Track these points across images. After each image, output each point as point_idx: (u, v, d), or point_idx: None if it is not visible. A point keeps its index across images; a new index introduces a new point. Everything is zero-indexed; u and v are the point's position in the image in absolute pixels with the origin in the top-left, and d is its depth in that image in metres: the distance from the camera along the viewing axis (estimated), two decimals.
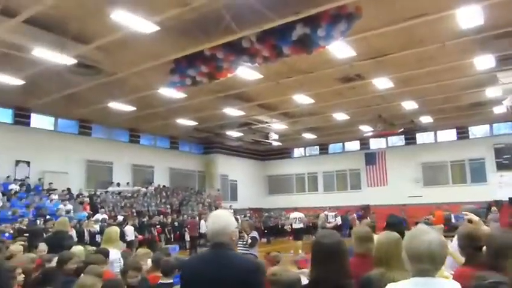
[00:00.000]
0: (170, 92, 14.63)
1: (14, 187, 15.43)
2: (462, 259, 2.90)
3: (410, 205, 21.09)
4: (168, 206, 20.10)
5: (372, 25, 10.55)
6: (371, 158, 26.16)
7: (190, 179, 25.22)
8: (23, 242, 8.14)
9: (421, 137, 25.28)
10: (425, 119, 20.94)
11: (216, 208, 22.45)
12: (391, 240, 2.60)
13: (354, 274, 2.42)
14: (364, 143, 26.92)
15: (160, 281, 4.37)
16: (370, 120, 21.22)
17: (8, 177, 15.77)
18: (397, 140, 26.23)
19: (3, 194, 14.73)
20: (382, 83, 14.61)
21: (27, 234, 11.57)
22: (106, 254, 5.20)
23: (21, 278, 3.91)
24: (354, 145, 27.92)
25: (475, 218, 3.22)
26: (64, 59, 11.28)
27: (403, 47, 11.85)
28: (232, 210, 22.65)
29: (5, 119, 16.69)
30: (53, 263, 4.77)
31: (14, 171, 16.33)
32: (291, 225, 17.51)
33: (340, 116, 19.85)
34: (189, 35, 11.01)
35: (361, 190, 26.32)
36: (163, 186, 22.20)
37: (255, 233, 7.99)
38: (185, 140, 25.14)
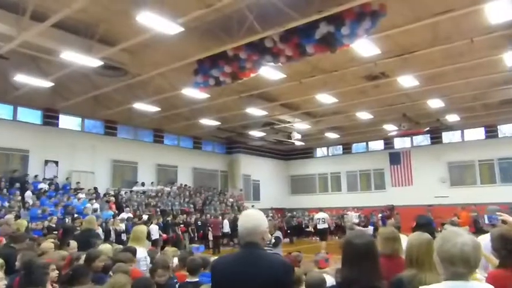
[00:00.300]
0: (193, 93, 14.76)
1: (43, 186, 15.86)
2: (496, 261, 2.82)
3: (436, 205, 20.66)
4: (192, 206, 20.29)
5: (397, 22, 10.39)
6: (395, 158, 25.73)
7: (213, 179, 25.38)
8: (53, 240, 8.38)
9: (448, 136, 24.70)
10: (452, 118, 20.40)
11: (239, 208, 22.58)
12: (423, 242, 2.55)
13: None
14: (389, 142, 26.50)
15: (187, 279, 4.41)
16: (394, 119, 20.86)
17: (35, 176, 16.21)
18: (423, 139, 25.70)
19: (33, 193, 15.18)
20: (408, 81, 14.33)
21: (56, 232, 11.95)
22: (133, 252, 5.28)
23: (54, 274, 4.02)
24: (378, 144, 27.53)
25: (510, 219, 3.12)
26: (91, 61, 11.55)
27: (429, 44, 11.59)
28: None
29: (34, 120, 17.17)
30: (81, 261, 4.87)
31: (43, 170, 16.80)
32: (316, 225, 17.36)
33: (364, 115, 19.59)
34: (212, 36, 11.10)
35: (386, 190, 25.92)
36: (186, 185, 22.41)
37: (278, 233, 7.99)
38: (208, 140, 25.32)
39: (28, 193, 14.93)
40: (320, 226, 16.64)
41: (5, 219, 11.44)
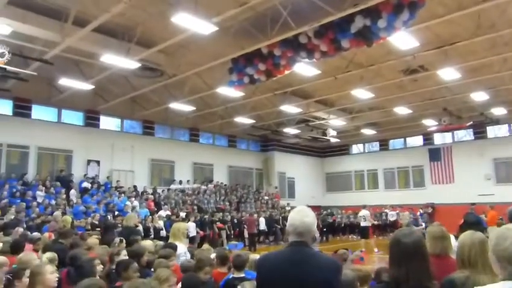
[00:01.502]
0: (228, 91, 14.87)
1: (86, 185, 16.48)
2: None
3: (480, 204, 19.79)
4: (227, 203, 20.47)
5: (437, 12, 10.05)
6: (435, 154, 24.85)
7: (248, 177, 25.49)
8: (97, 236, 8.68)
9: (493, 131, 23.55)
10: (498, 111, 19.42)
11: (274, 206, 22.56)
12: (475, 241, 2.43)
13: None
14: (428, 138, 25.64)
15: (232, 275, 4.44)
16: (434, 114, 20.19)
17: (84, 175, 16.90)
18: (464, 134, 24.67)
19: (77, 191, 15.81)
20: (448, 73, 13.79)
21: (99, 229, 12.41)
22: (174, 248, 5.38)
23: (100, 268, 4.15)
24: (416, 140, 26.71)
25: None
26: (129, 63, 11.87)
27: (471, 34, 11.10)
28: (290, 208, 22.69)
29: (77, 121, 17.84)
30: (122, 256, 4.99)
31: (85, 169, 17.44)
32: (359, 223, 17.05)
33: (402, 110, 19.06)
34: (246, 34, 11.13)
35: (425, 188, 25.13)
36: (222, 183, 22.61)
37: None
38: (243, 138, 25.45)
39: (72, 191, 15.60)
40: (362, 224, 16.35)
41: (53, 216, 12.04)
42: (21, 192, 14.12)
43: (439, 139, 25.46)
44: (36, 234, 9.28)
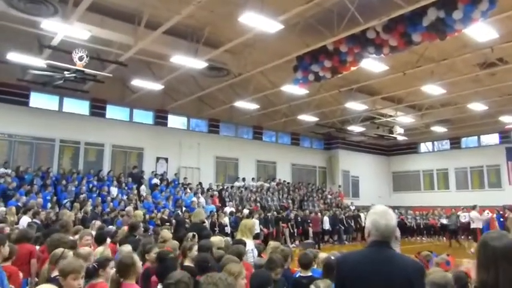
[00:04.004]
0: (293, 89, 14.84)
1: (156, 181, 17.28)
2: None
3: None
4: (290, 201, 20.44)
5: None
6: None
7: (312, 175, 25.27)
8: (168, 230, 9.05)
9: None
10: None
11: (337, 205, 22.17)
12: None
13: None
14: (505, 136, 23.80)
15: (300, 274, 4.43)
16: None
17: (152, 172, 17.76)
18: None
19: (147, 187, 16.65)
20: None
21: (168, 223, 12.94)
22: (244, 245, 5.48)
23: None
24: (492, 138, 24.92)
25: None
26: (197, 64, 12.26)
27: None
28: (353, 207, 22.19)
29: (147, 120, 18.76)
30: (194, 251, 5.15)
31: (155, 167, 18.29)
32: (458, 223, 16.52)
33: (477, 106, 17.87)
34: (312, 31, 11.04)
35: (502, 189, 23.37)
36: (285, 181, 22.58)
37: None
38: (306, 136, 25.27)
39: (143, 187, 16.45)
40: (472, 226, 15.79)
41: (126, 211, 12.75)
42: (97, 187, 15.14)
43: None
44: (111, 227, 9.90)
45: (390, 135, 22.71)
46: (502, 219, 18.34)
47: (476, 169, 25.03)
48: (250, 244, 6.20)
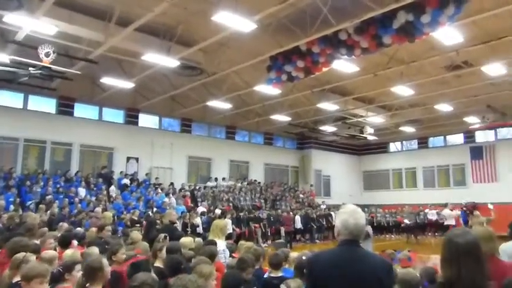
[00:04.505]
0: (266, 89, 14.87)
1: (126, 181, 16.94)
2: None
3: None
4: (263, 201, 20.49)
5: (484, 6, 9.62)
6: (477, 152, 23.86)
7: (284, 174, 25.43)
8: (138, 231, 8.89)
9: None
10: None
11: (309, 204, 22.39)
12: None
13: None
14: (470, 136, 24.66)
15: (270, 274, 4.43)
16: (477, 111, 19.43)
17: (120, 172, 17.39)
18: (508, 132, 23.57)
19: (117, 188, 16.29)
20: (494, 69, 13.23)
21: (138, 225, 12.71)
22: (215, 245, 5.44)
23: None
24: (457, 138, 25.75)
25: None
26: (170, 62, 12.09)
27: None
28: (325, 206, 22.47)
29: (118, 119, 18.36)
30: (163, 252, 5.09)
31: (125, 167, 17.93)
32: (443, 222, 16.90)
33: (444, 107, 18.45)
34: (285, 31, 11.09)
35: (466, 187, 24.22)
36: (255, 181, 22.56)
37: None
38: (279, 136, 25.40)
39: (112, 188, 16.08)
40: (446, 223, 16.22)
41: (95, 212, 12.45)
42: (65, 188, 14.69)
43: (481, 137, 24.40)
44: (79, 229, 9.64)
45: (361, 135, 23.14)
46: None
47: (442, 168, 25.81)
48: (222, 245, 6.18)
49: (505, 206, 19.05)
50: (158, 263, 4.95)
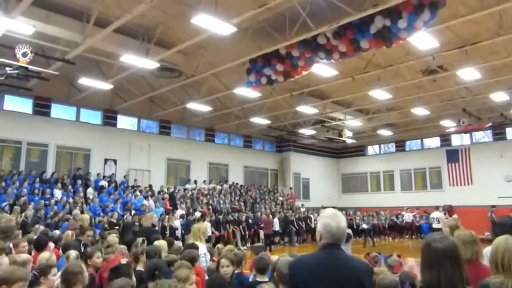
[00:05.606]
0: (245, 92, 14.90)
1: (103, 183, 16.67)
2: None
3: (500, 206, 19.43)
4: (242, 204, 20.47)
5: (458, 12, 9.91)
6: (453, 155, 24.45)
7: (264, 177, 25.47)
8: (115, 234, 8.76)
9: None
10: None
11: (289, 207, 22.48)
12: (510, 245, 2.40)
13: None
14: (446, 139, 25.25)
15: (256, 278, 4.41)
16: (453, 115, 19.88)
17: (98, 174, 17.11)
18: (483, 136, 24.23)
19: (94, 190, 16.01)
20: (468, 74, 13.57)
21: (117, 227, 12.53)
22: (197, 249, 5.42)
23: None
24: (433, 141, 26.33)
25: None
26: (148, 64, 11.98)
27: (493, 34, 10.95)
28: (304, 209, 22.60)
29: (95, 120, 18.07)
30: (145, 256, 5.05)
31: (103, 168, 17.65)
32: (431, 225, 16.85)
33: (420, 111, 18.84)
34: (265, 35, 11.15)
35: (443, 189, 24.76)
36: (234, 183, 22.49)
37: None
38: (259, 139, 25.45)
39: (90, 190, 15.78)
40: (435, 226, 16.06)
41: (72, 214, 12.20)
42: (40, 189, 14.37)
43: (456, 140, 25.05)
44: (55, 232, 9.45)
45: (339, 138, 23.38)
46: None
47: (419, 171, 26.29)
48: (203, 248, 6.16)
49: (479, 209, 19.65)
50: (140, 267, 4.92)
